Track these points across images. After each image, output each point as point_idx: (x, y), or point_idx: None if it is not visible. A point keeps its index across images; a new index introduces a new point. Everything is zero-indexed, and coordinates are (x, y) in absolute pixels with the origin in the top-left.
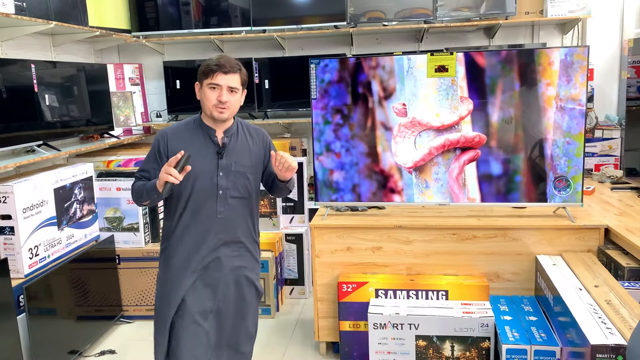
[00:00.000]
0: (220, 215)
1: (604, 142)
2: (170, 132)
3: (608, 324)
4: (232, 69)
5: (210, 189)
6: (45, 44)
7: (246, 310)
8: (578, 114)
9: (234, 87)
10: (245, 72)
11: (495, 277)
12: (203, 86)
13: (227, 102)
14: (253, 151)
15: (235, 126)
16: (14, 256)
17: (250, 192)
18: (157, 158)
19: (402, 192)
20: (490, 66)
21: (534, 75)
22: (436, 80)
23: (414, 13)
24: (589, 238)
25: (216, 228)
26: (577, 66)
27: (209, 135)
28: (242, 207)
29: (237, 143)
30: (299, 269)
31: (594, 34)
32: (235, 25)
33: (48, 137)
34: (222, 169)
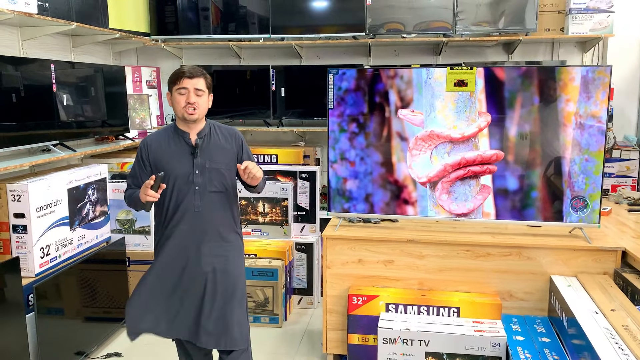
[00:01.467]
0: (197, 208)
1: (622, 163)
2: (150, 139)
3: (625, 350)
4: (196, 74)
5: (188, 186)
6: (65, 44)
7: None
8: (597, 132)
9: (200, 89)
10: (209, 78)
11: (508, 295)
12: (173, 93)
13: (195, 102)
14: (226, 149)
15: (207, 128)
16: (26, 255)
17: (227, 187)
18: (141, 165)
19: (415, 204)
20: (510, 80)
21: (553, 91)
22: (454, 92)
23: (433, 26)
24: (605, 260)
25: (195, 220)
26: (599, 82)
27: (183, 138)
28: (219, 201)
29: (210, 143)
30: (308, 278)
31: (615, 53)
32: (254, 32)
33: (64, 137)
34: (198, 167)
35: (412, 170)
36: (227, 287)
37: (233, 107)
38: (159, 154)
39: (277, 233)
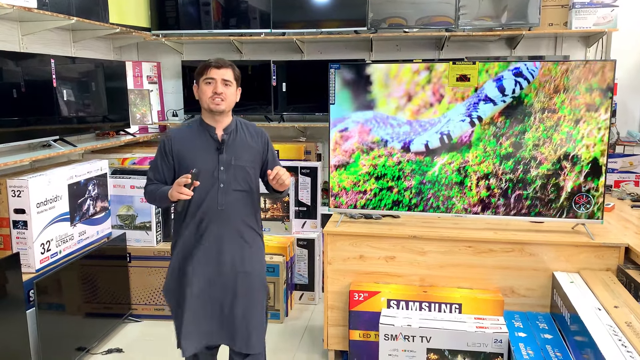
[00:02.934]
0: (221, 207)
1: (625, 159)
2: (174, 133)
3: (629, 347)
4: (224, 64)
5: (212, 183)
6: (65, 39)
7: (247, 299)
8: (602, 128)
9: (228, 79)
10: (238, 71)
11: (510, 292)
12: (200, 84)
13: (223, 93)
14: (252, 147)
15: (234, 124)
16: (26, 251)
17: (251, 186)
18: (164, 158)
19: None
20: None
21: (556, 86)
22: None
23: (435, 20)
24: (608, 256)
25: (217, 219)
26: (602, 78)
27: (209, 132)
28: (243, 200)
29: (236, 139)
30: (310, 274)
31: (619, 48)
32: (255, 27)
33: (64, 132)
34: (223, 163)
35: None
36: (248, 290)
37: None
38: (183, 148)
39: (278, 229)
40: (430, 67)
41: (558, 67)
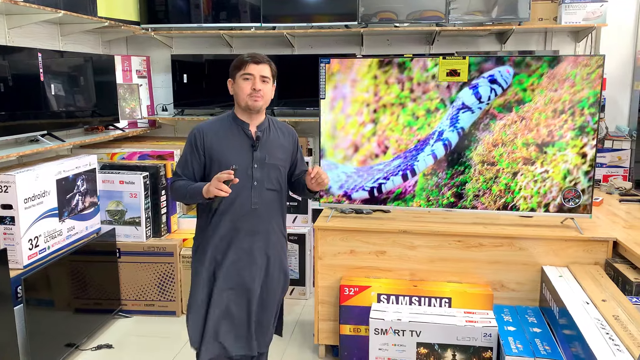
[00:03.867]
0: (254, 205)
1: (614, 153)
2: (205, 127)
3: (616, 341)
4: (263, 60)
5: (245, 180)
6: (53, 33)
7: (271, 299)
8: (590, 123)
9: (266, 76)
10: (274, 67)
11: (499, 286)
12: (236, 79)
13: (261, 90)
14: (284, 146)
15: (266, 122)
16: (14, 247)
17: (282, 185)
18: (194, 152)
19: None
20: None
21: (545, 81)
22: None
23: (426, 15)
24: (596, 250)
25: (250, 218)
26: (591, 74)
27: (242, 129)
28: (274, 200)
29: (269, 137)
30: (300, 269)
31: (608, 43)
32: (245, 21)
33: (52, 127)
34: (257, 161)
35: None
36: (270, 293)
37: (224, 97)
38: (215, 143)
39: None
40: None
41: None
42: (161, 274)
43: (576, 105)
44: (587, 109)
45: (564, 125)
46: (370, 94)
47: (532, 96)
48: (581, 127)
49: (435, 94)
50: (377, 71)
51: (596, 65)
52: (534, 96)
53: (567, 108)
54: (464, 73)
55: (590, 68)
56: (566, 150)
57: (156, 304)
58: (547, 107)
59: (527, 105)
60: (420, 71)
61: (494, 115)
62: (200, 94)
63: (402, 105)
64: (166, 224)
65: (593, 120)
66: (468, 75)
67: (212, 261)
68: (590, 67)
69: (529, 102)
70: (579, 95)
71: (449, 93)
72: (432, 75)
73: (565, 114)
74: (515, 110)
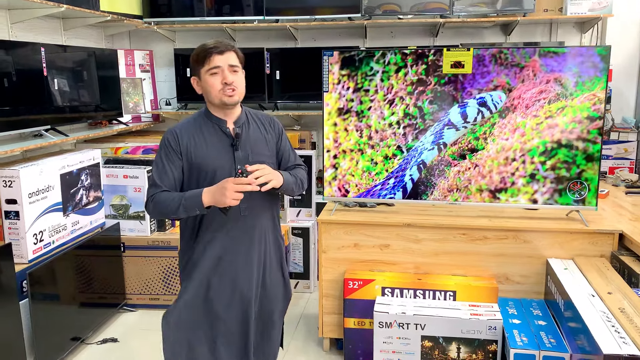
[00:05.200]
0: (243, 212)
1: (620, 145)
2: (178, 129)
3: (622, 333)
4: (226, 47)
5: None
6: (56, 27)
7: (272, 320)
8: (596, 114)
9: (234, 64)
10: (240, 52)
11: (504, 279)
12: (202, 76)
13: (233, 82)
14: (267, 139)
15: (244, 115)
16: (18, 241)
17: None
18: (171, 158)
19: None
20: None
21: (550, 72)
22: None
23: (430, 7)
24: (602, 243)
25: (240, 226)
26: (597, 65)
27: (219, 127)
28: (265, 201)
29: (249, 132)
30: (305, 263)
31: (614, 34)
32: (248, 14)
33: (56, 121)
34: (240, 161)
35: None
36: (270, 304)
37: None
38: (192, 146)
39: None
40: None
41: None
42: (165, 268)
43: (527, 153)
44: (537, 157)
45: (516, 172)
46: (330, 141)
47: (484, 144)
48: (531, 175)
49: (393, 141)
50: (337, 119)
51: (544, 116)
52: (486, 144)
53: (518, 156)
54: (468, 65)
55: (538, 119)
56: (518, 196)
57: (161, 298)
58: (499, 155)
59: (480, 153)
60: (378, 119)
61: (448, 161)
62: None
63: (360, 152)
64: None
65: (543, 168)
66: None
67: (203, 282)
68: (539, 118)
69: (482, 150)
70: (529, 144)
71: (406, 140)
72: (390, 123)
73: (516, 161)
74: (468, 157)
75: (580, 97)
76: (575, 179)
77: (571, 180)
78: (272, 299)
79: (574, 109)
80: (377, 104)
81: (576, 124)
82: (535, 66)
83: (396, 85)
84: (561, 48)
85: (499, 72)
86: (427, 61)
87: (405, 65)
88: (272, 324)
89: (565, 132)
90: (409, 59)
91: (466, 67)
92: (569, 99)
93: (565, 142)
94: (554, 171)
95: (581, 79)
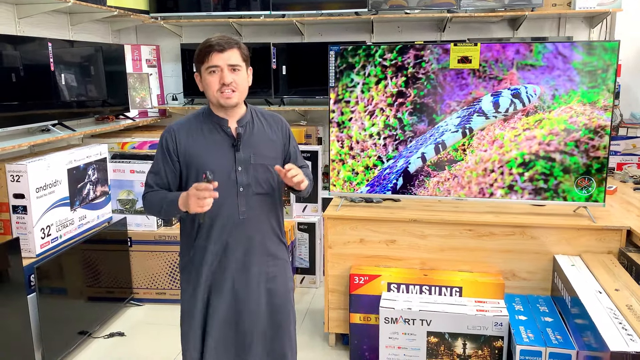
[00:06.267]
0: (242, 215)
1: (628, 141)
2: (177, 127)
3: (629, 330)
4: (228, 45)
5: (229, 187)
6: (63, 22)
7: (281, 325)
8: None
9: (235, 64)
10: (245, 48)
11: (511, 275)
12: (202, 74)
13: (232, 82)
14: (272, 140)
15: (249, 114)
16: (26, 235)
17: (274, 187)
18: (167, 159)
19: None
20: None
21: (557, 67)
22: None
23: (437, 2)
24: (609, 239)
25: (240, 231)
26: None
27: (220, 126)
28: (266, 205)
29: (253, 132)
30: (311, 258)
31: (623, 29)
32: (254, 9)
33: (63, 116)
34: (241, 162)
35: None
36: (277, 314)
37: None
38: (190, 146)
39: None
40: None
41: None
42: (172, 262)
43: (505, 165)
44: (515, 169)
45: (494, 183)
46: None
47: (463, 156)
48: (510, 186)
49: (373, 151)
50: None
51: (522, 128)
52: (465, 156)
53: (496, 168)
54: (475, 60)
55: (516, 131)
56: None
57: (167, 293)
58: (477, 166)
59: (459, 164)
60: (358, 130)
61: (428, 172)
62: None
63: (342, 162)
64: None
65: (521, 179)
66: (478, 65)
67: (204, 289)
68: (517, 130)
69: (461, 161)
70: (507, 156)
71: (386, 151)
72: (370, 134)
73: (495, 172)
74: (447, 168)
75: (557, 110)
76: (552, 190)
77: (547, 191)
78: (277, 309)
79: (551, 122)
80: (357, 115)
81: (553, 136)
82: (512, 79)
83: (376, 96)
84: (538, 62)
85: (477, 84)
86: (407, 73)
87: (385, 77)
88: (277, 332)
89: (543, 144)
90: (388, 71)
91: (473, 62)
92: (546, 111)
93: (542, 154)
94: (532, 182)
95: (557, 92)
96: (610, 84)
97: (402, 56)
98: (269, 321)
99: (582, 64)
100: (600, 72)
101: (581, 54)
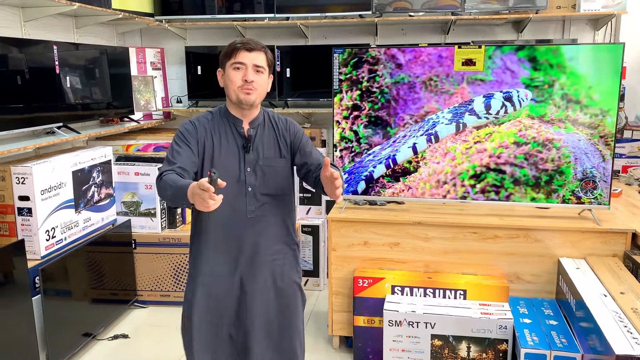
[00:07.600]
0: (250, 215)
1: (633, 144)
2: (197, 121)
3: (634, 334)
4: (257, 47)
5: (238, 186)
6: (68, 25)
7: (291, 321)
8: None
9: (260, 65)
10: (271, 54)
11: (515, 278)
12: (226, 69)
13: (254, 81)
14: (281, 142)
15: (262, 116)
16: (31, 237)
17: (284, 188)
18: (188, 139)
19: None
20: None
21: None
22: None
23: (441, 4)
24: (615, 242)
25: (248, 230)
26: (610, 62)
27: (234, 126)
28: (275, 206)
29: (263, 134)
30: (315, 260)
31: (628, 31)
32: (259, 12)
33: (68, 119)
34: (249, 163)
35: None
36: (285, 312)
37: None
38: (207, 142)
39: None
40: None
41: None
42: (176, 264)
43: (457, 177)
44: (467, 181)
45: (447, 195)
46: None
47: (416, 167)
48: (462, 197)
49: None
50: None
51: (473, 141)
52: (418, 167)
53: (449, 179)
54: (479, 62)
55: (468, 144)
56: None
57: (172, 295)
58: (431, 178)
59: (413, 176)
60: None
61: (383, 184)
62: (215, 85)
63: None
64: (181, 215)
65: (473, 191)
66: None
67: (208, 290)
68: (468, 143)
69: (415, 173)
70: (459, 168)
71: (342, 163)
72: (334, 145)
73: (447, 184)
74: (402, 180)
75: (506, 124)
76: (503, 201)
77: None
78: (285, 306)
79: (501, 135)
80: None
81: (503, 149)
82: (463, 93)
83: (336, 108)
84: (487, 76)
85: (429, 98)
86: (362, 87)
87: (341, 91)
88: (284, 336)
89: (494, 157)
90: (344, 85)
91: (477, 65)
92: (496, 125)
93: (493, 167)
94: (484, 194)
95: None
96: (557, 98)
97: (357, 70)
98: (276, 318)
99: (529, 79)
100: (546, 87)
101: (528, 69)
